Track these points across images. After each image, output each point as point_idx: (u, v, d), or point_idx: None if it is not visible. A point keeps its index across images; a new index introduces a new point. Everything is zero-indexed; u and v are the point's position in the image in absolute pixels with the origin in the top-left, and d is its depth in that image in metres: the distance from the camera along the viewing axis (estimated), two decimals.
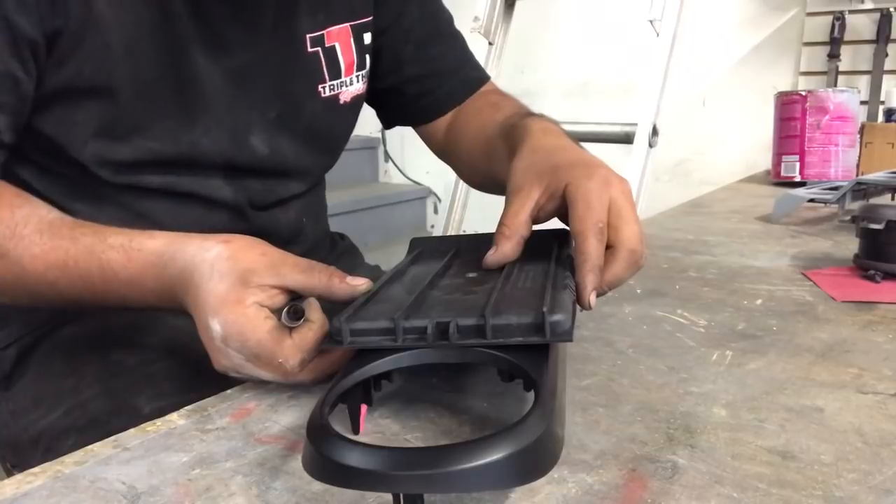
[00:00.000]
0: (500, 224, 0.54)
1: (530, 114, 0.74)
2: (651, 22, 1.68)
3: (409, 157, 3.18)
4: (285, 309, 0.49)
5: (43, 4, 0.57)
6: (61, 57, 0.60)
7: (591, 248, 0.50)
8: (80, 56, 0.61)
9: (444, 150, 0.91)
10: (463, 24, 0.94)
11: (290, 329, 0.49)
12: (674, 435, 0.44)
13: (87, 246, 0.55)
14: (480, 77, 0.90)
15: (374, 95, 0.88)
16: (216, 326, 0.49)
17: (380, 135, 3.20)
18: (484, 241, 0.55)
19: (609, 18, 2.52)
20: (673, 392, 0.50)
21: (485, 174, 0.78)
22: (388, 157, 3.26)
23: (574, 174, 0.53)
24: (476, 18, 1.96)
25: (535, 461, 0.34)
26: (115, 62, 0.62)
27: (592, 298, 0.49)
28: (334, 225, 0.99)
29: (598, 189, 0.52)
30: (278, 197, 0.78)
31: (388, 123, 0.94)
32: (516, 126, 0.67)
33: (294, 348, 0.49)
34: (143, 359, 0.66)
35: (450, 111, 0.89)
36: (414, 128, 0.92)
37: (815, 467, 0.40)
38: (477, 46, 1.94)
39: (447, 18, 0.90)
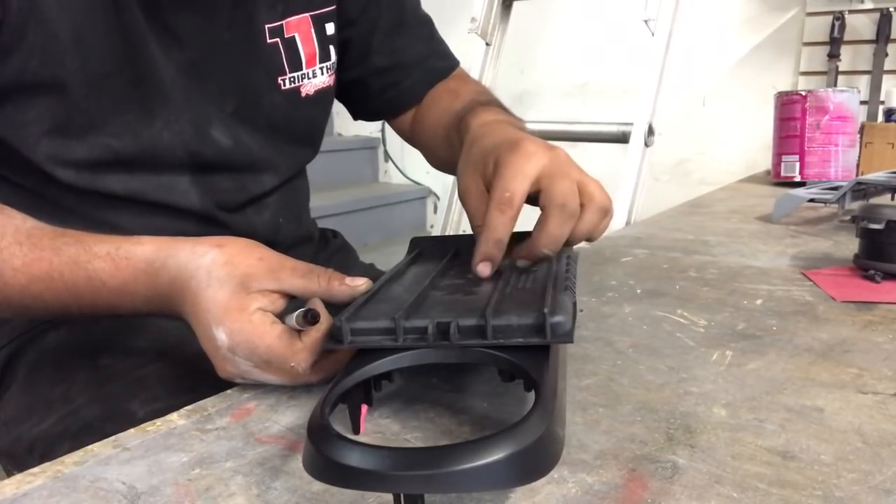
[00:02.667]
0: (472, 228, 0.55)
1: (479, 103, 0.74)
2: (646, 22, 1.68)
3: (409, 157, 3.18)
4: (298, 313, 0.48)
5: None
6: (4, 51, 0.59)
7: (488, 219, 0.52)
8: (24, 50, 0.59)
9: (411, 139, 0.92)
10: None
11: (299, 332, 0.49)
12: (674, 435, 0.44)
13: (72, 256, 0.53)
14: (447, 66, 0.90)
15: (340, 88, 0.87)
16: (221, 336, 0.48)
17: (380, 135, 3.20)
18: None
19: (607, 19, 2.52)
20: (673, 392, 0.50)
21: (447, 162, 0.79)
22: (388, 157, 3.26)
23: (497, 153, 0.54)
24: (473, 19, 1.95)
25: (536, 461, 0.34)
26: (63, 55, 0.60)
27: (482, 268, 0.52)
28: (333, 224, 0.99)
29: (517, 161, 0.52)
30: (250, 195, 0.77)
31: (355, 116, 0.94)
32: (462, 122, 0.68)
33: (305, 351, 0.48)
34: (133, 363, 0.65)
35: (413, 106, 0.89)
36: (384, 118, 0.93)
37: (815, 467, 0.40)
38: (474, 47, 1.94)
39: (413, 4, 0.89)
